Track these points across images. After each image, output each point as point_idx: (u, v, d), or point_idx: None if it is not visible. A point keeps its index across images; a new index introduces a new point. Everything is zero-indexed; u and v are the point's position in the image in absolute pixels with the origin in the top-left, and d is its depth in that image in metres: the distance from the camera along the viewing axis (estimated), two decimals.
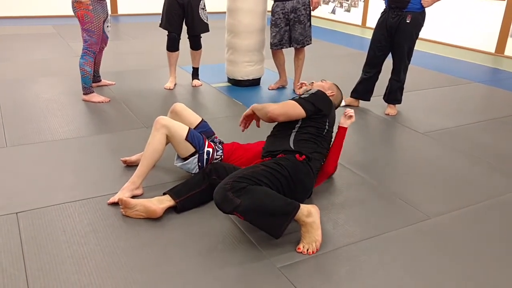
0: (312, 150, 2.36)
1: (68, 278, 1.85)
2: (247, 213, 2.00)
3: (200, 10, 4.34)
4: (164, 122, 2.47)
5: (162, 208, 2.26)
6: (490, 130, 3.73)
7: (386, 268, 1.99)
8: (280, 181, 2.16)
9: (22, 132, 3.30)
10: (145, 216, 2.25)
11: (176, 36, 4.39)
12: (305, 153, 2.30)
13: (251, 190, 2.01)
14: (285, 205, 2.04)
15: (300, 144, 2.36)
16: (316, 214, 2.10)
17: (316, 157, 2.37)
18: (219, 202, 2.01)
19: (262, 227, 2.07)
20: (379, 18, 3.90)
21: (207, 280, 1.88)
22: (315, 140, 2.41)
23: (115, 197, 2.38)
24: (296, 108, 2.40)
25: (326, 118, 2.47)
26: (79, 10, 3.76)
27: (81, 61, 3.91)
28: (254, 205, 1.99)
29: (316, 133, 2.42)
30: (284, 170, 2.19)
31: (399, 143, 3.54)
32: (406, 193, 2.64)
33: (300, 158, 2.27)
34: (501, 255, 2.13)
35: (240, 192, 1.99)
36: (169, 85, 4.51)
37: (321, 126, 2.44)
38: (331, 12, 9.67)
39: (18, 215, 2.27)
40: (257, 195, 2.01)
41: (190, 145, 2.49)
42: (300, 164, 2.26)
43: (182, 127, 2.51)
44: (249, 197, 1.99)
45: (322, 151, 2.46)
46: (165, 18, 4.37)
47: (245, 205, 1.97)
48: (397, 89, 3.97)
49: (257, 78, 4.75)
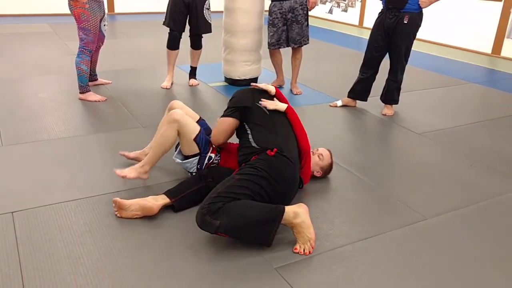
0: (273, 140, 2.34)
1: (64, 278, 1.84)
2: (230, 231, 2.00)
3: (204, 10, 4.35)
4: (177, 117, 2.45)
5: (157, 205, 2.26)
6: (487, 131, 3.74)
7: (383, 269, 1.99)
8: (259, 183, 2.14)
9: (18, 131, 3.28)
10: (141, 214, 2.24)
11: (177, 34, 4.39)
12: (270, 146, 2.28)
13: (228, 208, 2.00)
14: (268, 212, 2.03)
15: (261, 140, 2.35)
16: (304, 213, 2.08)
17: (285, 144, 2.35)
18: (200, 227, 2.02)
19: (250, 239, 2.07)
20: (377, 19, 3.90)
21: (204, 280, 1.87)
22: (269, 129, 2.39)
23: (124, 173, 2.47)
24: (225, 121, 2.48)
25: (259, 106, 2.45)
26: (75, 8, 3.75)
27: (77, 59, 3.89)
28: (234, 222, 1.99)
29: (264, 124, 2.40)
30: (260, 171, 2.17)
31: (396, 144, 3.54)
32: (403, 194, 2.64)
33: (271, 153, 2.26)
34: (498, 255, 2.14)
35: (217, 214, 1.98)
36: (166, 84, 4.50)
37: (262, 115, 2.43)
38: (328, 12, 9.67)
39: (13, 214, 2.26)
40: (236, 211, 2.00)
41: (196, 147, 2.49)
42: (273, 159, 2.24)
43: (194, 127, 2.51)
44: (228, 215, 1.98)
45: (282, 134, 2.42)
46: (169, 16, 4.36)
47: (225, 224, 1.97)
48: (394, 90, 3.97)
49: (254, 77, 4.74)
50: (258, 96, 2.51)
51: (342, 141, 3.43)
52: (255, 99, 2.49)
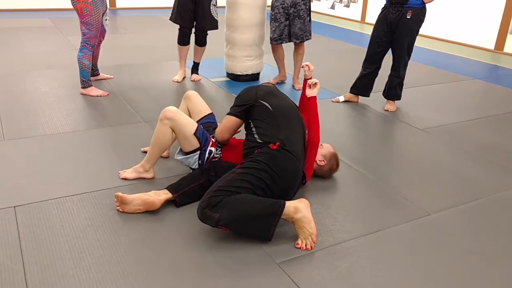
0: (276, 135, 2.32)
1: (67, 272, 1.84)
2: (230, 224, 2.01)
3: (211, 6, 4.34)
4: (169, 115, 2.45)
5: (160, 200, 2.26)
6: (489, 127, 3.73)
7: (386, 264, 1.99)
8: (260, 177, 2.13)
9: (19, 125, 3.28)
10: (144, 209, 2.24)
11: (188, 30, 4.40)
12: (273, 141, 2.27)
13: (228, 201, 2.01)
14: (268, 206, 2.03)
15: (264, 135, 2.33)
16: (305, 208, 2.07)
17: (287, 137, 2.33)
18: (201, 220, 2.03)
19: (250, 233, 2.07)
20: (380, 14, 3.88)
21: (206, 275, 1.87)
22: (272, 124, 2.37)
23: (124, 174, 2.58)
24: (229, 119, 2.49)
25: (262, 103, 2.43)
26: (78, 2, 3.74)
27: (79, 54, 3.88)
28: (234, 215, 1.99)
29: (268, 120, 2.39)
30: (261, 164, 2.17)
31: (398, 139, 3.53)
32: (405, 189, 2.64)
33: (274, 146, 2.25)
34: (501, 250, 2.13)
35: (216, 207, 1.99)
36: (177, 78, 4.54)
37: (266, 111, 2.41)
38: (331, 8, 9.64)
39: (16, 209, 2.25)
40: (235, 205, 2.01)
41: (196, 141, 2.48)
42: (275, 152, 2.23)
43: (191, 123, 2.50)
44: (227, 209, 1.99)
45: (286, 129, 2.40)
46: (177, 12, 4.35)
47: (225, 217, 1.98)
48: (396, 85, 3.96)
49: (256, 73, 4.73)
50: (262, 93, 2.50)
51: (345, 137, 3.42)
52: (259, 96, 2.48)
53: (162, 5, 9.19)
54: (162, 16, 8.08)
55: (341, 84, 4.53)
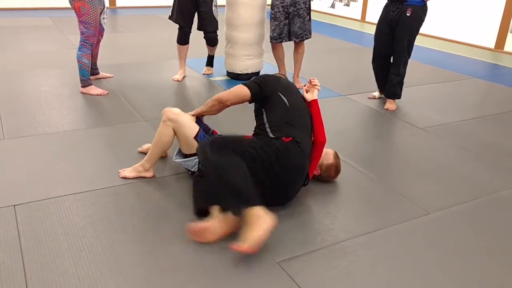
0: (289, 131, 2.32)
1: (66, 270, 1.84)
2: (209, 170, 2.10)
3: (213, 7, 4.36)
4: (172, 117, 2.46)
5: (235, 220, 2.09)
6: (490, 126, 3.72)
7: (385, 263, 1.99)
8: (268, 152, 2.17)
9: (19, 124, 3.28)
10: (227, 230, 2.09)
11: (187, 30, 4.41)
12: (285, 135, 2.28)
13: (226, 155, 2.07)
14: (247, 191, 1.99)
15: (277, 131, 2.32)
16: (264, 223, 1.91)
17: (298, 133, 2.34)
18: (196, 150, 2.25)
19: (222, 197, 2.08)
20: (381, 13, 3.89)
21: (206, 274, 1.87)
22: (287, 120, 2.36)
23: (124, 173, 2.57)
24: (242, 89, 2.45)
25: (281, 97, 2.42)
26: (75, 1, 3.73)
27: (78, 53, 3.88)
28: (219, 169, 2.04)
29: (283, 115, 2.37)
30: (273, 145, 2.22)
31: (398, 138, 3.53)
32: (405, 188, 2.64)
33: (287, 139, 2.26)
34: (502, 250, 2.13)
35: (215, 152, 2.07)
36: (178, 77, 4.55)
37: (283, 106, 2.40)
38: (331, 7, 9.63)
39: (15, 207, 2.25)
40: (228, 163, 2.05)
41: (196, 144, 2.46)
42: (289, 144, 2.25)
43: (192, 126, 2.50)
44: (220, 159, 2.05)
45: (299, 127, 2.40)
46: (177, 12, 4.35)
47: (212, 161, 2.06)
48: (396, 84, 3.95)
49: (256, 71, 4.72)
50: (283, 87, 2.49)
51: (345, 136, 3.42)
52: (280, 88, 2.46)
53: (162, 4, 9.18)
54: (162, 15, 8.07)
55: (341, 83, 4.53)
